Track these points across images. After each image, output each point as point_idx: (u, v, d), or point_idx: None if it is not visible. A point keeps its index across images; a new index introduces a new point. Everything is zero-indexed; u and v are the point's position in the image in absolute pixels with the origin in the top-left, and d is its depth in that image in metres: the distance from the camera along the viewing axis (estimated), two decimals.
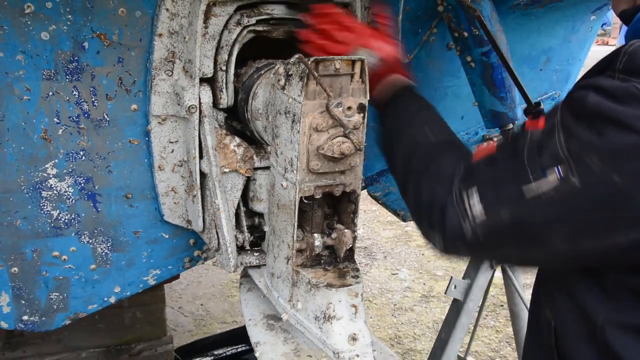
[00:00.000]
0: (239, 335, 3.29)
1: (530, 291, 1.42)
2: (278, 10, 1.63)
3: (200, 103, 1.60)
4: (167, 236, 1.84)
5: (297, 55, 1.31)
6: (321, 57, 1.32)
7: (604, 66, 1.09)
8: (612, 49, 1.23)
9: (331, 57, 1.35)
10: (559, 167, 1.04)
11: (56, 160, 1.63)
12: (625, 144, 0.99)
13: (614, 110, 1.01)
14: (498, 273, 3.10)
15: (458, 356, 3.11)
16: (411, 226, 5.95)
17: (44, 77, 1.54)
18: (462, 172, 1.20)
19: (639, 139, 0.98)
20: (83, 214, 1.71)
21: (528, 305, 1.83)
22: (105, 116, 1.64)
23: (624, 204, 1.01)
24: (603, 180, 1.01)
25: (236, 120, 1.75)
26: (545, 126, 1.11)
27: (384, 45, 1.52)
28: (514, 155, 1.13)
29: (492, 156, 1.20)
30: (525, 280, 3.01)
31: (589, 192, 1.03)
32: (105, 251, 1.77)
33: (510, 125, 2.12)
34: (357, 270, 1.50)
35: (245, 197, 1.71)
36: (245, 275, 1.80)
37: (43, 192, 1.64)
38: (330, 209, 1.54)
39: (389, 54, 1.52)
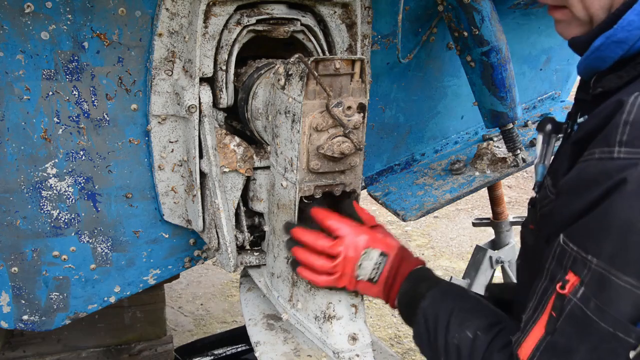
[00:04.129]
0: (239, 335, 3.29)
1: None
2: (278, 10, 1.63)
3: (200, 103, 1.60)
4: (167, 236, 1.84)
5: (297, 55, 1.31)
6: (321, 57, 1.32)
7: (597, 142, 0.97)
8: None
9: (331, 57, 1.35)
10: None
11: (56, 160, 1.63)
12: None
13: None
14: (498, 273, 3.11)
15: None
16: (411, 226, 5.96)
17: (44, 76, 1.54)
18: None
19: None
20: (83, 214, 1.71)
21: None
22: (105, 116, 1.64)
23: None
24: None
25: (236, 120, 1.75)
26: (581, 280, 0.98)
27: (385, 239, 1.38)
28: (584, 327, 0.98)
29: (551, 342, 1.01)
30: None
31: None
32: (105, 251, 1.77)
33: (510, 125, 2.12)
34: None
35: (245, 196, 1.71)
36: (245, 275, 1.80)
37: (43, 192, 1.65)
38: (330, 209, 1.53)
39: (394, 246, 1.38)
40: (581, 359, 0.98)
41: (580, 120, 1.17)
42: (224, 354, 3.22)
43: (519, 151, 2.19)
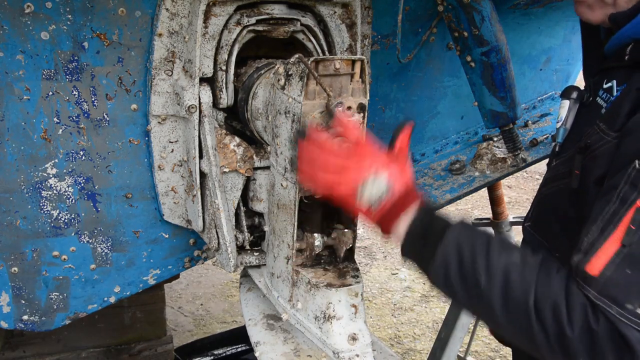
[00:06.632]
0: (239, 335, 3.30)
1: None
2: (278, 10, 1.63)
3: (200, 103, 1.60)
4: (167, 236, 1.84)
5: (297, 55, 1.31)
6: (321, 57, 1.32)
7: None
8: None
9: (331, 57, 1.35)
10: None
11: (56, 160, 1.63)
12: None
13: None
14: None
15: (458, 356, 3.11)
16: None
17: (43, 77, 1.54)
18: (595, 295, 1.10)
19: None
20: (83, 214, 1.71)
21: None
22: (105, 116, 1.64)
23: None
24: None
25: (236, 120, 1.75)
26: None
27: (400, 170, 1.33)
28: None
29: (629, 253, 1.10)
30: None
31: None
32: (105, 251, 1.77)
33: (510, 125, 2.12)
34: (357, 270, 1.50)
35: (245, 197, 1.71)
36: (245, 275, 1.80)
37: (43, 192, 1.64)
38: (330, 209, 1.53)
39: (405, 179, 1.32)
40: None
41: (606, 85, 1.37)
42: (224, 354, 3.23)
43: (519, 151, 2.19)
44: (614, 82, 1.36)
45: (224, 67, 1.62)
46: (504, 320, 1.19)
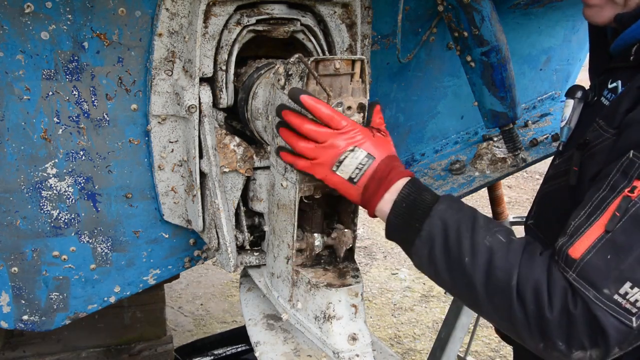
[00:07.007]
0: (239, 335, 3.30)
1: None
2: (278, 10, 1.63)
3: (200, 103, 1.60)
4: (167, 236, 1.84)
5: (297, 55, 1.31)
6: (321, 57, 1.32)
7: None
8: None
9: (331, 56, 1.35)
10: None
11: (56, 160, 1.63)
12: None
13: None
14: None
15: (458, 356, 3.11)
16: None
17: (43, 76, 1.54)
18: (574, 278, 1.12)
19: None
20: (83, 214, 1.71)
21: None
22: (105, 116, 1.64)
23: None
24: None
25: (236, 120, 1.75)
26: None
27: (380, 143, 1.32)
28: None
29: (610, 239, 1.12)
30: None
31: None
32: (105, 251, 1.77)
33: (510, 125, 2.12)
34: (357, 270, 1.50)
35: (245, 196, 1.71)
36: (245, 275, 1.80)
37: (43, 192, 1.65)
38: (330, 209, 1.54)
39: (385, 152, 1.31)
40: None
41: (611, 85, 1.39)
42: (224, 354, 3.23)
43: (519, 151, 2.19)
44: (619, 82, 1.37)
45: (224, 67, 1.62)
46: (485, 300, 1.19)
